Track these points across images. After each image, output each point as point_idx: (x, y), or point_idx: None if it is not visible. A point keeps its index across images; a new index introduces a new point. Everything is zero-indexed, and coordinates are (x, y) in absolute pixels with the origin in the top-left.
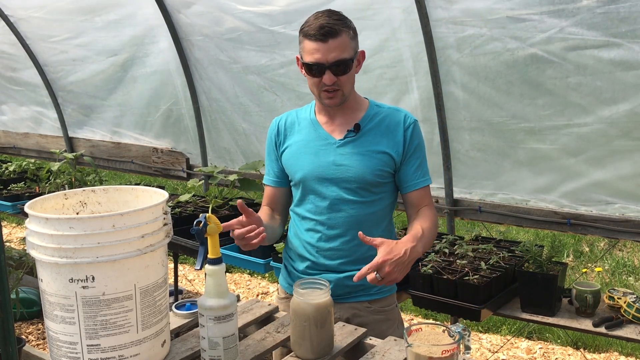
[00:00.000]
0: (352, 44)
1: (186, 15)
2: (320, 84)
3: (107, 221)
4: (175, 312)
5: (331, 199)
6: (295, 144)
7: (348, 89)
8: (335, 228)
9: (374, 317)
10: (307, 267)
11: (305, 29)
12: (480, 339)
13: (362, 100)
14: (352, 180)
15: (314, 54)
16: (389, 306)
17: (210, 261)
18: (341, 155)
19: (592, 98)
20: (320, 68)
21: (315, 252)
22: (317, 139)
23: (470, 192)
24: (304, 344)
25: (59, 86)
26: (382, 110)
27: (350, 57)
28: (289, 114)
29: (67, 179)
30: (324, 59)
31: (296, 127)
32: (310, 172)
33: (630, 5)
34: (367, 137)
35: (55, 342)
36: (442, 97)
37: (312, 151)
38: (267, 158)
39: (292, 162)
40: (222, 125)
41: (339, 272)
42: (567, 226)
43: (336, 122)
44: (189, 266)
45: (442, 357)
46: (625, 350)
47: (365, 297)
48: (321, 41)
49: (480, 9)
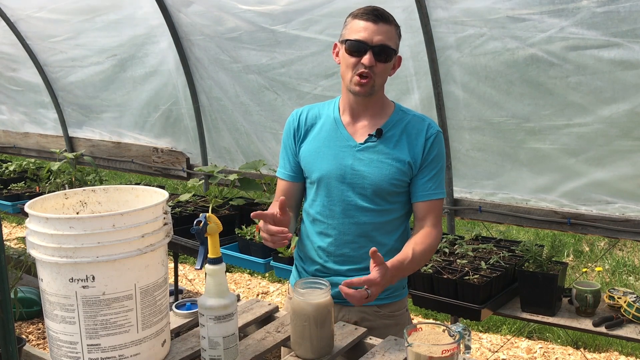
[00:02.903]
0: (397, 40)
1: (186, 14)
2: (356, 66)
3: (107, 221)
4: (176, 312)
5: (345, 204)
6: (316, 141)
7: (380, 81)
8: (347, 234)
9: (383, 322)
10: (317, 270)
11: (356, 12)
12: (480, 338)
13: (388, 103)
14: (368, 187)
15: (361, 32)
16: (398, 311)
17: (211, 261)
18: (359, 160)
19: (592, 98)
20: (363, 47)
21: (325, 256)
22: (337, 139)
23: (470, 191)
24: (304, 343)
25: (59, 86)
26: (407, 116)
27: (394, 49)
28: (311, 108)
29: (67, 179)
30: (370, 38)
31: (318, 123)
32: (327, 174)
33: (631, 5)
34: (387, 144)
35: (55, 341)
36: (442, 96)
37: (331, 152)
38: (282, 150)
39: (310, 160)
40: (223, 124)
41: (347, 277)
42: (567, 226)
43: (359, 124)
44: (189, 266)
45: (442, 357)
46: (626, 350)
47: (374, 302)
48: (372, 22)
49: (481, 8)
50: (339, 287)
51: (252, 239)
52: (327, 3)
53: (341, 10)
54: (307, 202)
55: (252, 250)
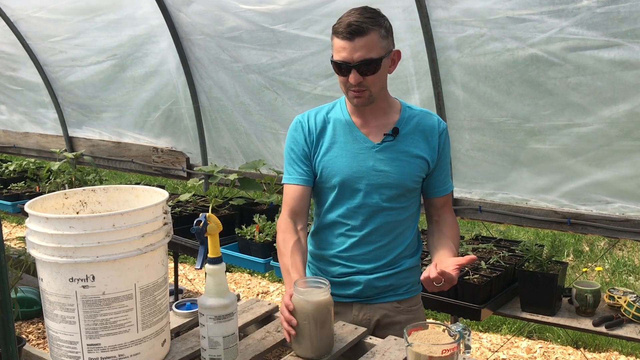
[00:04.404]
0: (383, 43)
1: (186, 14)
2: (347, 83)
3: (107, 220)
4: (176, 312)
5: (368, 205)
6: (331, 146)
7: (376, 89)
8: (371, 234)
9: (403, 317)
10: (336, 271)
11: (335, 26)
12: (480, 338)
13: (393, 101)
14: (393, 186)
15: (341, 52)
16: (415, 305)
17: (211, 260)
18: (380, 161)
19: (592, 98)
20: (346, 67)
21: (347, 257)
22: (354, 142)
23: (470, 191)
24: (304, 342)
25: (59, 86)
26: (415, 112)
27: (379, 57)
28: (316, 112)
29: (67, 179)
30: (350, 57)
31: (328, 127)
32: (349, 177)
33: (631, 5)
34: (405, 141)
35: (55, 341)
36: (442, 96)
37: (349, 154)
38: (291, 157)
39: (328, 165)
40: (223, 124)
41: (369, 274)
42: (567, 225)
43: (371, 124)
44: (189, 265)
45: (442, 357)
46: (626, 350)
47: (394, 297)
48: (348, 39)
49: (480, 9)
50: (422, 277)
51: (252, 239)
52: (328, 3)
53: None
54: (324, 207)
55: (252, 250)
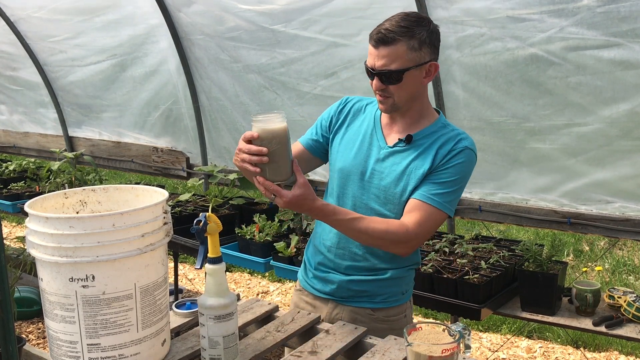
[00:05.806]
0: (411, 55)
1: (186, 14)
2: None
3: (107, 220)
4: (176, 311)
5: (356, 202)
6: (351, 133)
7: (402, 99)
8: None
9: (375, 325)
10: (319, 262)
11: (372, 31)
12: (480, 338)
13: (430, 114)
14: (382, 189)
15: (369, 57)
16: (394, 316)
17: (211, 260)
18: (382, 162)
19: (592, 98)
20: (370, 73)
21: (327, 249)
22: (370, 137)
23: (470, 191)
24: (276, 166)
25: (59, 85)
26: (446, 131)
27: (401, 69)
28: (359, 99)
29: (67, 178)
30: (373, 64)
31: (361, 115)
32: (349, 167)
33: (631, 4)
34: (414, 151)
35: (55, 341)
36: (442, 96)
37: (358, 147)
38: (315, 124)
39: (338, 148)
40: (222, 124)
41: (345, 275)
42: (567, 225)
43: (395, 128)
44: (189, 265)
45: (442, 356)
46: (625, 350)
47: (368, 305)
48: (374, 46)
49: (480, 8)
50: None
51: (252, 239)
52: (327, 3)
53: (340, 10)
54: (326, 192)
55: (252, 250)
